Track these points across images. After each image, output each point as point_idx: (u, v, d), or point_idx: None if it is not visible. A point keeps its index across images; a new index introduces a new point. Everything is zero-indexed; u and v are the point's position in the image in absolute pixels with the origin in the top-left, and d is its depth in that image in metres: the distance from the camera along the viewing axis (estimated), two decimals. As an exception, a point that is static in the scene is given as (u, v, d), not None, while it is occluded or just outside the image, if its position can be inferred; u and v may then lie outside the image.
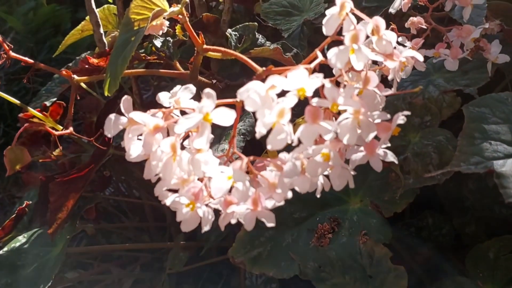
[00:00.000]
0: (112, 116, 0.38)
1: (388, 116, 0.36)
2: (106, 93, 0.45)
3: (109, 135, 0.39)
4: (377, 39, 0.38)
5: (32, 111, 0.87)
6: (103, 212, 1.08)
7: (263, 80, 0.34)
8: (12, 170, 0.55)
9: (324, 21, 0.40)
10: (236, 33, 0.54)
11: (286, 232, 0.62)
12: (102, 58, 0.78)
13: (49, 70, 0.52)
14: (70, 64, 1.16)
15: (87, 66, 0.78)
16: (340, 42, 0.36)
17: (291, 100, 0.32)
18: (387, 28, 0.55)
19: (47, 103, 1.09)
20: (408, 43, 0.53)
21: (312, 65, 0.36)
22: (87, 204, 0.72)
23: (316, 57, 0.37)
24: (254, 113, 0.33)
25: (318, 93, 0.36)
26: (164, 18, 0.46)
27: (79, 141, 0.92)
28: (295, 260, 0.58)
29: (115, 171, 0.97)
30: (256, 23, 0.55)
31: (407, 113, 0.37)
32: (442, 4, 0.57)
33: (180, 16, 0.47)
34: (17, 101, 0.83)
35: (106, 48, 0.97)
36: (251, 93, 0.33)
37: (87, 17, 1.10)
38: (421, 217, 0.76)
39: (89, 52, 1.23)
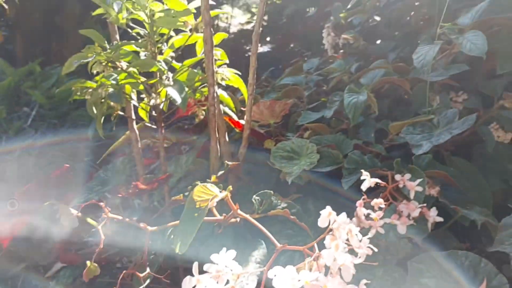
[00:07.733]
0: (188, 277, 0.62)
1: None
2: (177, 250, 0.69)
3: (184, 288, 0.63)
4: (350, 236, 0.64)
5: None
6: None
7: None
8: (87, 279, 0.78)
9: (319, 219, 0.66)
10: (258, 198, 0.80)
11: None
12: (149, 185, 1.04)
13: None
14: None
15: (137, 190, 1.03)
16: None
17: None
18: (359, 198, 0.81)
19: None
20: (373, 214, 0.79)
21: (313, 257, 0.62)
22: None
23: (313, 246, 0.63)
24: None
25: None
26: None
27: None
28: None
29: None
30: (272, 191, 0.81)
31: (368, 281, 0.62)
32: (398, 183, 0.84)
33: (226, 198, 0.72)
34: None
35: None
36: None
37: (128, 132, 1.36)
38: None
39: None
